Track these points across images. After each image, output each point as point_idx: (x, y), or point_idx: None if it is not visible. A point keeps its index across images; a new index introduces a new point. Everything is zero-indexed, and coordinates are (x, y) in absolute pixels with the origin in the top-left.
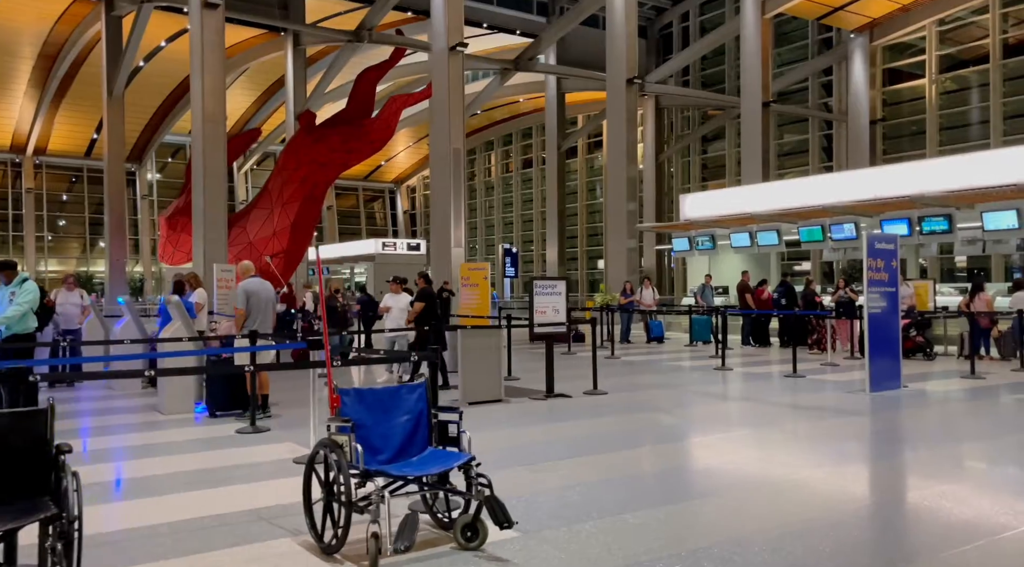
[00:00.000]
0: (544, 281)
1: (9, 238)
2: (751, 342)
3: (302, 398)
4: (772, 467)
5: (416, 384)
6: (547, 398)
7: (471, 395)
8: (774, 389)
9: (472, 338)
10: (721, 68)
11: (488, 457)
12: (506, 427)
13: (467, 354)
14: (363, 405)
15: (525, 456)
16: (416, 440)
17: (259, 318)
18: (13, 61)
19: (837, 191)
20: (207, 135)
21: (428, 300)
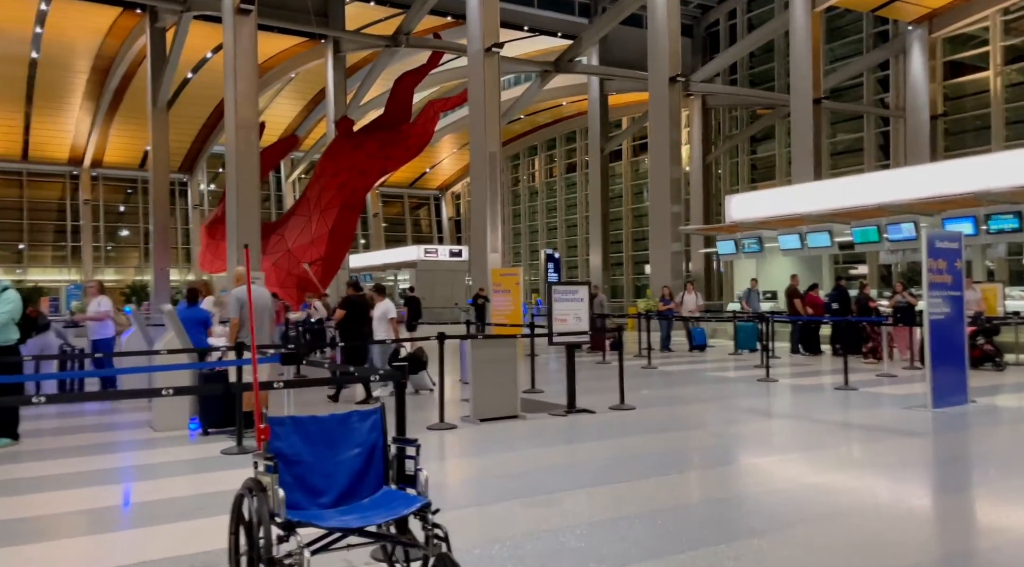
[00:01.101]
0: (565, 286)
1: (68, 249)
2: (800, 350)
3: (308, 413)
4: (832, 497)
5: (369, 410)
6: (567, 414)
7: (482, 411)
8: (824, 404)
9: (484, 349)
10: (770, 66)
11: (481, 487)
12: (512, 449)
13: (479, 366)
14: (301, 436)
15: (525, 486)
16: (368, 479)
17: (255, 328)
18: (69, 75)
19: (894, 189)
20: (240, 141)
21: (349, 308)
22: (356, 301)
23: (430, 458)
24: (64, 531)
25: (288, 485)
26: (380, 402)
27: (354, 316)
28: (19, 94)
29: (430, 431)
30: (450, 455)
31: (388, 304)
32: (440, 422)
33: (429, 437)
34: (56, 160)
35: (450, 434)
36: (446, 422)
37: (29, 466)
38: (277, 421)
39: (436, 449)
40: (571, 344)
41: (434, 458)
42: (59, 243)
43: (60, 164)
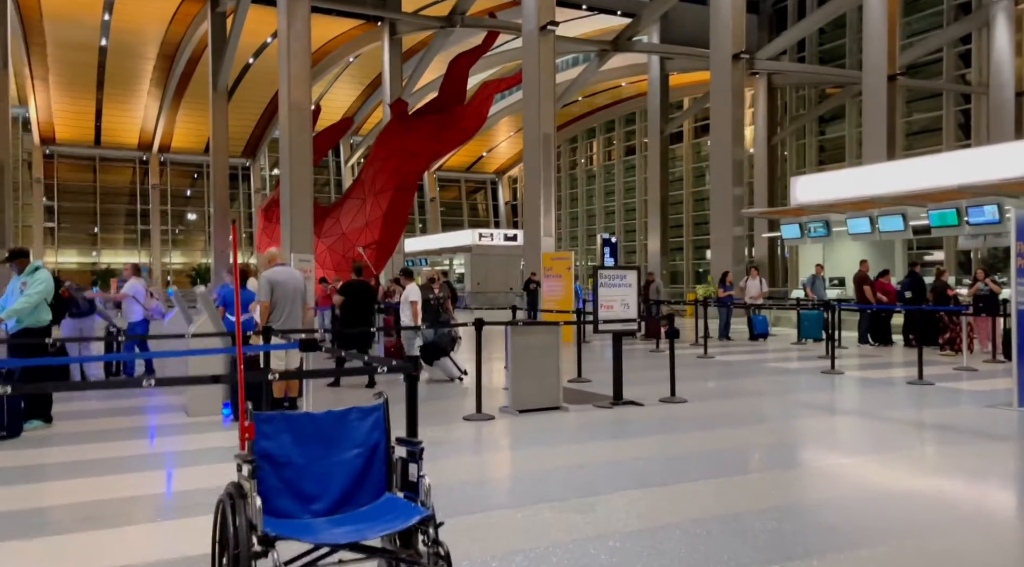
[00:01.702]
0: (611, 271)
1: (137, 232)
2: (870, 341)
3: (348, 399)
4: (903, 511)
5: (371, 406)
6: (613, 406)
7: (522, 402)
8: (895, 400)
9: (524, 336)
10: (841, 42)
11: (510, 487)
12: (548, 444)
13: (518, 355)
14: (292, 435)
15: (557, 486)
16: (368, 483)
17: (286, 311)
18: (136, 62)
19: (976, 168)
20: (293, 123)
21: (349, 294)
22: (356, 287)
23: (461, 451)
24: (96, 521)
25: (276, 490)
26: (384, 397)
27: (354, 302)
28: (90, 81)
29: (466, 421)
30: (482, 449)
31: (412, 288)
32: (477, 413)
33: (463, 429)
34: (127, 145)
35: (486, 426)
36: (483, 413)
37: (61, 450)
38: (264, 418)
39: (469, 442)
40: (618, 332)
41: (465, 452)
42: (129, 226)
43: (130, 149)
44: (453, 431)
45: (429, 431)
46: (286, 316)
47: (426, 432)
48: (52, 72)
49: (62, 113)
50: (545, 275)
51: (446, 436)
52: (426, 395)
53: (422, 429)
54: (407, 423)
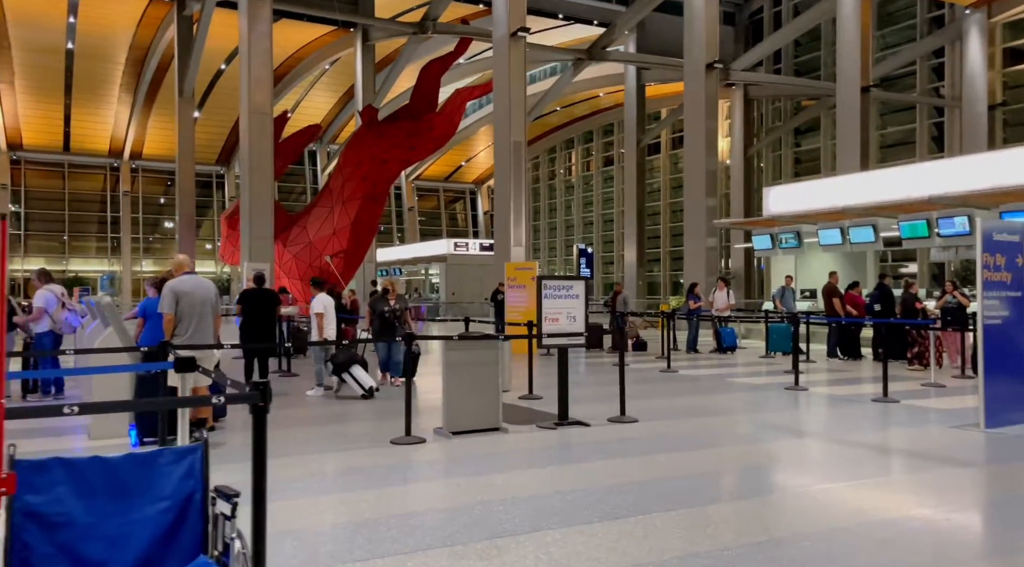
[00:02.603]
0: (556, 281)
1: (108, 239)
2: (839, 354)
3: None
4: (855, 558)
5: (187, 448)
6: (557, 427)
7: (456, 423)
8: (857, 419)
9: (459, 351)
10: (816, 54)
11: (413, 526)
12: (475, 472)
13: (453, 372)
14: (74, 486)
15: (469, 525)
16: (176, 546)
17: (192, 325)
18: (105, 66)
19: (947, 179)
20: (253, 127)
21: (245, 303)
22: (253, 295)
23: (371, 482)
24: None
25: (46, 559)
26: (204, 435)
27: (252, 312)
28: (58, 86)
29: (392, 445)
30: (397, 479)
31: (318, 299)
32: (406, 435)
33: (385, 454)
34: (97, 152)
35: (411, 450)
36: (413, 436)
37: None
38: (32, 466)
39: (385, 470)
40: (563, 346)
41: (377, 482)
42: (100, 234)
43: (101, 156)
44: (373, 457)
45: (347, 457)
46: (193, 330)
47: (344, 458)
48: (18, 76)
49: (29, 118)
50: (509, 285)
51: (364, 462)
52: (359, 413)
53: (344, 453)
54: (253, 467)
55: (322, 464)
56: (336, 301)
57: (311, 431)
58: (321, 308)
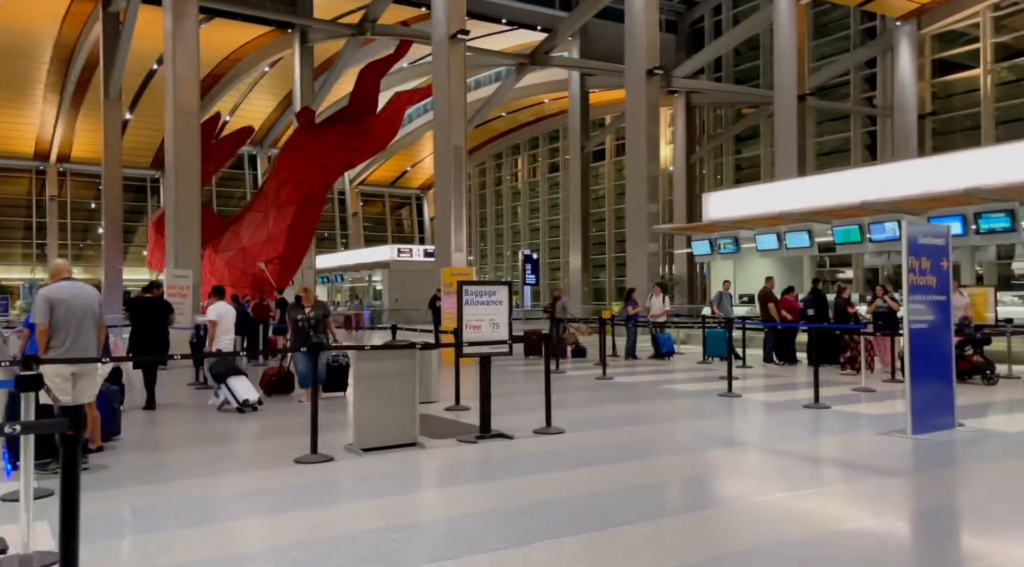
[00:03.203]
0: (477, 287)
1: (34, 246)
2: (775, 360)
3: (173, 437)
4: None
5: None
6: (478, 440)
7: (368, 439)
8: (787, 426)
9: (371, 362)
10: (756, 63)
11: (285, 559)
12: (379, 494)
13: (364, 384)
14: None
15: (352, 559)
16: None
17: (70, 335)
18: (29, 65)
19: (878, 186)
20: (179, 128)
21: (133, 311)
22: (142, 304)
23: (261, 510)
24: None
25: None
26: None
27: (140, 321)
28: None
29: (296, 465)
30: (289, 504)
31: (213, 307)
32: (312, 453)
33: (285, 474)
34: (21, 154)
35: (315, 471)
36: (321, 453)
37: None
38: None
39: (282, 494)
40: (485, 355)
41: (266, 509)
42: (26, 240)
43: (25, 158)
44: (271, 478)
45: (243, 479)
46: (71, 341)
47: (239, 480)
48: None
49: None
50: (445, 292)
51: (259, 485)
52: (268, 431)
53: (241, 474)
54: (61, 507)
55: (213, 488)
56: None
57: (212, 450)
58: (215, 316)
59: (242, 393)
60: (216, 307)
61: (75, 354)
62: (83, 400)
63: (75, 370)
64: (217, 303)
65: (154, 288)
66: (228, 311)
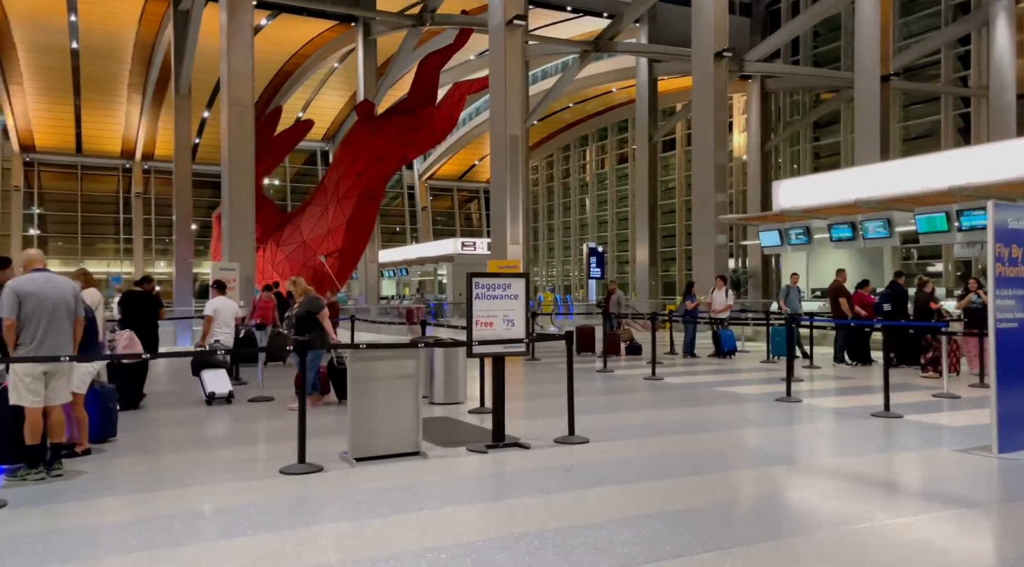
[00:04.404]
0: (490, 279)
1: (121, 241)
2: (846, 359)
3: (165, 440)
4: None
5: None
6: (489, 450)
7: (364, 447)
8: (849, 440)
9: (367, 362)
10: (836, 45)
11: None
12: (352, 516)
13: (361, 387)
14: None
15: None
16: None
17: (40, 332)
18: (112, 65)
19: (968, 169)
20: (233, 122)
21: (125, 307)
22: (132, 299)
23: (222, 532)
24: None
25: None
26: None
27: (130, 317)
28: (66, 86)
29: (281, 476)
30: (252, 525)
31: (212, 302)
32: (300, 462)
33: (269, 487)
34: (109, 153)
35: (299, 483)
36: (310, 463)
37: None
38: None
39: (253, 511)
40: (499, 355)
41: (231, 530)
42: (114, 236)
43: (113, 157)
44: (249, 491)
45: (219, 492)
46: (41, 337)
47: (215, 493)
48: (27, 77)
49: (40, 120)
50: None
51: (233, 500)
52: (265, 434)
53: (218, 486)
54: None
55: (178, 503)
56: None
57: (197, 457)
58: (211, 311)
59: (209, 385)
60: (213, 302)
61: (47, 350)
62: (57, 401)
63: (47, 369)
64: (216, 298)
65: (145, 283)
66: (225, 305)
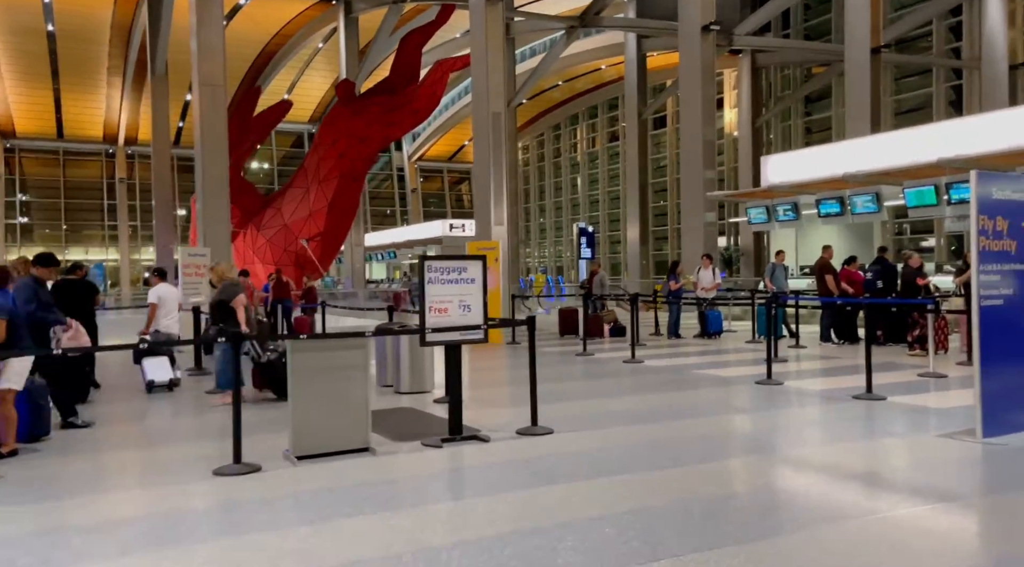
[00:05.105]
0: (444, 262)
1: (105, 227)
2: (833, 338)
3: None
4: None
5: None
6: (445, 444)
7: (307, 444)
8: (826, 426)
9: (312, 353)
10: (827, 17)
11: None
12: (276, 524)
13: (303, 380)
14: None
15: None
16: None
17: None
18: (90, 48)
19: (957, 141)
20: (204, 101)
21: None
22: (65, 287)
23: (111, 550)
24: None
25: None
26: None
27: (66, 306)
28: (44, 70)
29: (214, 477)
30: (158, 539)
31: (156, 289)
32: (235, 462)
33: (195, 491)
34: (91, 138)
35: (231, 484)
36: (247, 462)
37: None
38: None
39: (160, 521)
40: (453, 343)
41: (119, 549)
42: (98, 222)
43: (95, 142)
44: (171, 496)
45: (143, 496)
46: None
47: (137, 497)
48: (3, 61)
49: (19, 105)
50: None
51: (148, 506)
52: (206, 431)
53: (142, 491)
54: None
55: (96, 511)
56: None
57: (128, 456)
58: (155, 299)
59: (149, 373)
60: (156, 289)
61: None
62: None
63: None
64: (159, 285)
65: (77, 270)
66: (169, 293)
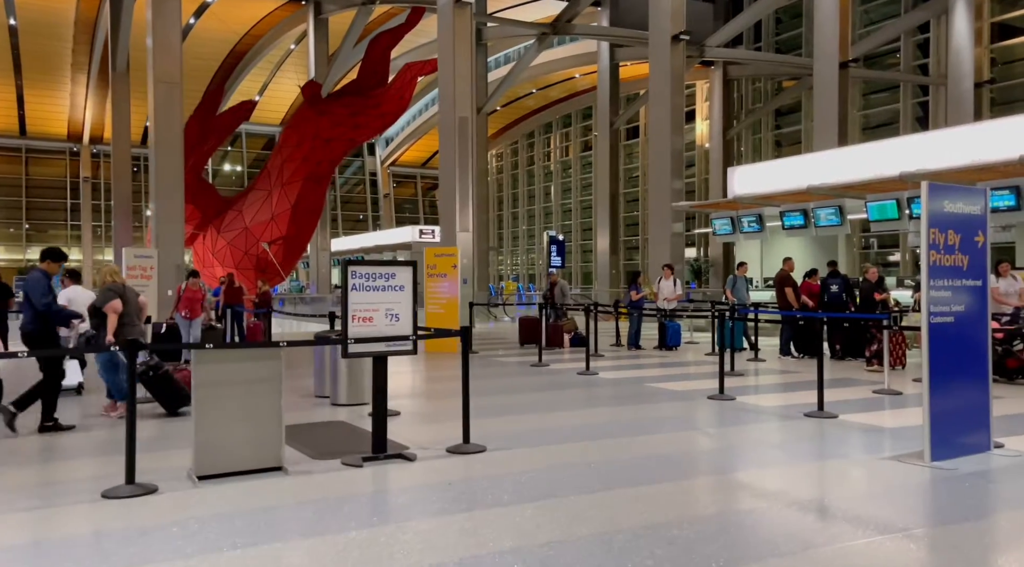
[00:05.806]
0: (370, 268)
1: (68, 227)
2: (793, 352)
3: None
4: None
5: None
6: (366, 463)
7: (210, 463)
8: (772, 447)
9: (220, 365)
10: (797, 32)
11: None
12: (157, 556)
13: (208, 394)
14: None
15: None
16: None
17: None
18: (53, 43)
19: (919, 156)
20: (159, 97)
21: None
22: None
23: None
24: None
25: None
26: None
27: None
28: (5, 65)
29: (103, 500)
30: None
31: (65, 292)
32: (128, 483)
33: (75, 516)
34: (55, 136)
35: (115, 509)
36: (141, 483)
37: None
38: None
39: (29, 553)
40: (380, 355)
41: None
42: (61, 222)
43: (59, 140)
44: (45, 521)
45: (22, 519)
46: None
47: (13, 522)
48: None
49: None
50: (428, 274)
51: (25, 534)
52: (104, 447)
53: (25, 511)
54: None
55: None
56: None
57: (13, 474)
58: (64, 301)
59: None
60: (66, 292)
61: None
62: None
63: None
64: (70, 287)
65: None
66: (79, 296)
